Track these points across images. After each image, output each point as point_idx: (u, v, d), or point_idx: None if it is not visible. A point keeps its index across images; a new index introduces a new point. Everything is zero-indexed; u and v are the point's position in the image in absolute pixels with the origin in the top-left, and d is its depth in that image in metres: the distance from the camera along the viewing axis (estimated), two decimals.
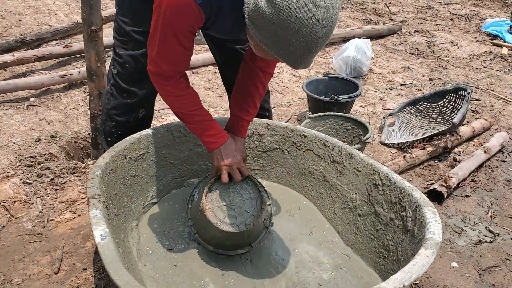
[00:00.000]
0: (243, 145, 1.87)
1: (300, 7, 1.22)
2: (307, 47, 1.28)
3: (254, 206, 1.76)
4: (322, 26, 1.25)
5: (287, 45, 1.28)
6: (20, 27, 4.38)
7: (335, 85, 3.16)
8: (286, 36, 1.26)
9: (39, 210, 2.11)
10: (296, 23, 1.23)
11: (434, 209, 1.59)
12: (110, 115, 2.07)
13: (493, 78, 4.03)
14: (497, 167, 2.74)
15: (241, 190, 1.79)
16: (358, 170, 1.96)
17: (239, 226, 1.71)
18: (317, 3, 1.22)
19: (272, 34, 1.28)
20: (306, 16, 1.22)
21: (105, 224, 1.47)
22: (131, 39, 1.90)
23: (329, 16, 1.25)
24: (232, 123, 1.89)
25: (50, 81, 3.21)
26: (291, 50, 1.29)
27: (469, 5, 6.38)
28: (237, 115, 1.87)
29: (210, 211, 1.72)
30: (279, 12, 1.23)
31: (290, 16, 1.22)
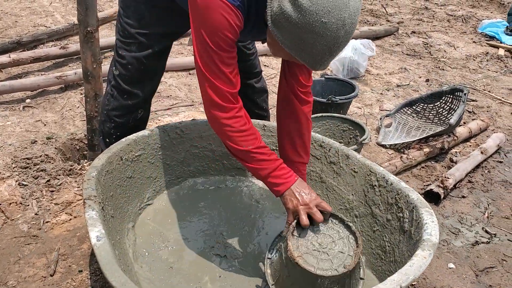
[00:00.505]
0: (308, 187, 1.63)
1: (326, 13, 1.25)
2: (329, 50, 1.31)
3: (348, 245, 1.53)
4: (345, 31, 1.29)
5: (310, 48, 1.31)
6: (16, 28, 4.37)
7: (332, 86, 3.15)
8: (310, 39, 1.29)
9: (34, 212, 2.10)
10: (322, 28, 1.26)
11: (431, 210, 1.58)
12: (110, 116, 2.07)
13: (490, 79, 4.04)
14: (493, 168, 2.74)
15: (328, 231, 1.56)
16: (355, 171, 1.96)
17: (337, 270, 1.45)
18: (342, 9, 1.26)
19: (296, 37, 1.31)
20: (332, 21, 1.26)
21: (101, 226, 1.46)
22: (135, 41, 1.90)
23: (352, 22, 1.30)
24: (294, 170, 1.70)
25: (46, 82, 3.19)
26: (313, 52, 1.32)
27: (466, 6, 6.40)
28: (294, 161, 1.78)
29: (300, 259, 1.46)
30: (305, 17, 1.26)
31: (316, 21, 1.26)
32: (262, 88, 2.38)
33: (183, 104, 3.20)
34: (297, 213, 1.54)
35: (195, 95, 3.37)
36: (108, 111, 2.06)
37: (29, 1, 5.21)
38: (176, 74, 3.67)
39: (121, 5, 1.91)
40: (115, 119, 2.06)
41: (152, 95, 2.11)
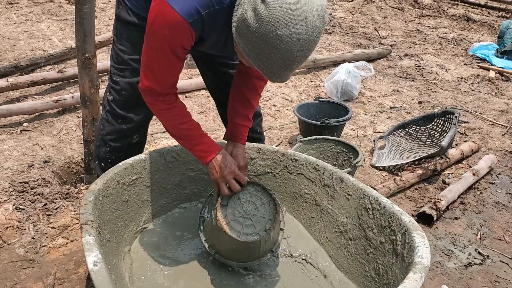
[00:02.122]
0: (244, 152, 1.91)
1: (282, 25, 1.28)
2: (284, 63, 1.34)
3: (269, 210, 1.78)
4: (300, 46, 1.31)
5: (266, 58, 1.35)
6: (14, 52, 4.42)
7: (325, 109, 3.21)
8: (265, 49, 1.32)
9: (31, 236, 2.11)
10: (276, 39, 1.29)
11: (423, 233, 1.61)
12: (105, 141, 2.10)
13: (481, 101, 4.11)
14: (485, 189, 2.78)
15: (252, 198, 1.79)
16: (349, 194, 1.99)
17: (259, 234, 1.73)
18: (298, 24, 1.29)
19: (254, 46, 1.35)
20: (286, 34, 1.28)
21: (98, 251, 1.48)
22: (129, 66, 1.94)
23: (308, 38, 1.32)
24: (231, 131, 1.93)
25: (44, 106, 3.23)
26: (269, 63, 1.36)
27: (457, 29, 6.52)
28: (236, 122, 1.91)
29: (227, 226, 1.72)
30: (262, 26, 1.29)
31: (271, 31, 1.29)
32: (256, 112, 2.41)
33: None
34: (217, 183, 1.76)
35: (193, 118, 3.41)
36: (103, 136, 2.09)
37: (27, 25, 5.28)
38: None
39: (114, 33, 1.96)
40: (110, 143, 2.09)
41: (148, 121, 2.14)
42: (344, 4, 7.55)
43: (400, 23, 6.63)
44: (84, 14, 2.11)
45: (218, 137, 3.15)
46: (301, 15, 1.28)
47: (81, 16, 2.11)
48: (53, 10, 5.92)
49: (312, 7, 1.30)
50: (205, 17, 1.47)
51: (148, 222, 2.10)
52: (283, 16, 1.27)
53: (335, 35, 5.85)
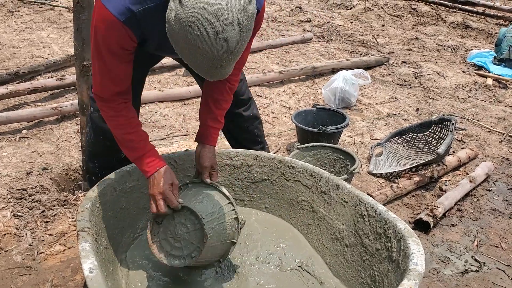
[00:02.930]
0: (211, 153, 1.88)
1: (198, 26, 1.25)
2: (211, 63, 1.32)
3: (199, 237, 1.68)
4: (222, 45, 1.28)
5: (193, 58, 1.33)
6: (14, 60, 4.45)
7: (323, 116, 3.22)
8: (190, 50, 1.31)
9: (29, 243, 2.11)
10: (196, 40, 1.27)
11: (418, 240, 1.62)
12: (92, 157, 2.11)
13: (479, 108, 4.13)
14: (482, 196, 2.78)
15: (186, 221, 1.70)
16: (345, 201, 2.00)
17: (186, 259, 1.69)
18: (214, 23, 1.25)
19: (181, 47, 1.33)
20: (204, 34, 1.26)
21: (94, 257, 1.49)
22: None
23: (229, 36, 1.28)
24: (201, 132, 1.91)
25: (43, 113, 3.25)
26: (198, 63, 1.34)
27: (455, 36, 6.56)
28: (206, 124, 1.90)
29: (157, 244, 1.72)
30: (181, 28, 1.28)
31: (190, 33, 1.27)
32: (252, 115, 2.41)
33: (178, 134, 3.25)
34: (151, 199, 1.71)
35: (190, 125, 3.43)
36: (90, 152, 2.11)
37: (27, 32, 5.31)
38: (171, 104, 3.74)
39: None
40: (97, 160, 2.11)
41: None
42: (342, 12, 7.59)
43: (398, 30, 6.66)
44: (82, 22, 2.13)
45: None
46: (216, 14, 1.24)
47: (79, 24, 2.13)
48: (53, 18, 5.95)
49: (230, 2, 1.26)
50: (139, 15, 1.47)
51: (145, 229, 2.10)
52: (197, 17, 1.25)
53: (334, 43, 5.88)
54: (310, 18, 7.01)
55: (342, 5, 7.90)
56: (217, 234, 1.71)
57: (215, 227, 1.70)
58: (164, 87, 4.05)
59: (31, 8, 6.35)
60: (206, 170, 1.85)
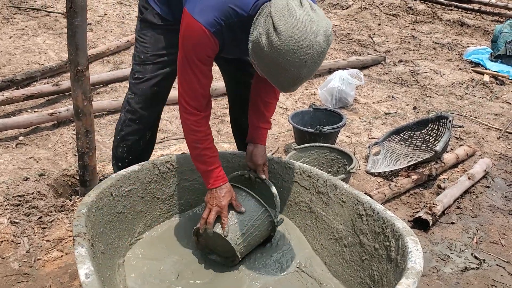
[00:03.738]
0: (263, 151, 2.09)
1: (291, 53, 1.45)
2: (293, 81, 1.53)
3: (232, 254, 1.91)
4: (307, 69, 1.50)
5: (277, 76, 1.54)
6: (10, 67, 4.44)
7: (320, 117, 3.22)
8: (276, 70, 1.52)
9: (26, 250, 2.10)
10: (286, 64, 1.47)
11: (416, 238, 1.61)
12: (123, 141, 2.18)
13: (476, 105, 4.12)
14: (481, 193, 2.78)
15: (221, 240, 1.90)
16: (343, 201, 1.99)
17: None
18: (306, 52, 1.45)
19: (266, 65, 1.53)
20: (295, 61, 1.46)
21: (90, 263, 1.48)
22: (151, 62, 2.05)
23: (314, 62, 1.50)
24: (252, 133, 2.10)
25: (39, 119, 3.24)
26: (279, 80, 1.55)
27: (451, 34, 6.55)
28: (257, 125, 2.09)
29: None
30: (274, 52, 1.47)
31: (281, 57, 1.47)
32: None
33: (174, 137, 3.24)
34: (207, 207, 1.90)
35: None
36: (122, 136, 2.17)
37: (23, 39, 5.30)
38: (167, 108, 3.72)
39: (138, 34, 2.08)
40: (128, 143, 2.18)
41: (159, 118, 2.26)
42: (338, 12, 7.59)
43: (394, 29, 6.66)
44: (76, 28, 2.12)
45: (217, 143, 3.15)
46: (308, 44, 1.44)
47: (73, 29, 2.13)
48: (49, 24, 5.94)
49: (319, 35, 1.46)
50: (225, 27, 1.64)
51: (143, 233, 2.10)
52: (292, 46, 1.44)
53: None
54: None
55: (338, 5, 7.89)
56: (250, 245, 1.95)
57: (247, 243, 1.92)
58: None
59: (27, 14, 6.33)
60: (260, 167, 2.08)
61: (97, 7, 6.78)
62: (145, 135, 2.20)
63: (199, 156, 1.89)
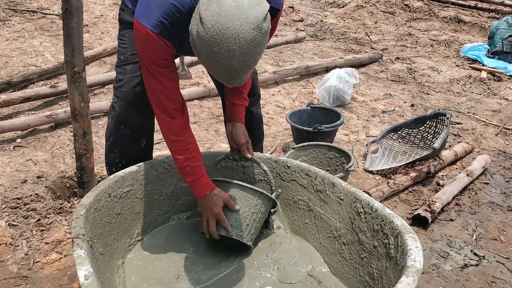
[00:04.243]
0: (243, 129, 2.06)
1: (216, 44, 1.40)
2: (229, 74, 1.47)
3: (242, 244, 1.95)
4: (238, 60, 1.42)
5: (213, 69, 1.49)
6: (7, 69, 4.43)
7: (318, 115, 3.21)
8: (210, 63, 1.47)
9: (24, 252, 2.10)
10: (214, 56, 1.42)
11: (415, 236, 1.61)
12: (113, 147, 2.14)
13: (474, 101, 4.12)
14: (480, 190, 2.78)
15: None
16: (341, 199, 1.99)
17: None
18: (230, 42, 1.39)
19: (201, 58, 1.50)
20: (221, 51, 1.40)
21: (89, 264, 1.47)
22: (130, 62, 2.01)
23: (245, 52, 1.41)
24: (231, 111, 2.06)
25: (36, 121, 3.23)
26: (217, 73, 1.50)
27: (448, 31, 6.56)
28: (236, 103, 2.04)
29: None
30: (202, 44, 1.43)
31: (209, 49, 1.42)
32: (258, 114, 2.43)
33: None
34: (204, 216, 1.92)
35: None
36: (111, 142, 2.14)
37: (20, 41, 5.29)
38: None
39: (118, 37, 2.06)
40: (118, 149, 2.14)
41: (152, 124, 2.15)
42: (335, 10, 7.59)
43: (391, 27, 6.66)
44: (72, 29, 2.12)
45: (212, 147, 3.16)
46: (232, 34, 1.38)
47: (68, 30, 2.12)
48: (46, 26, 5.93)
49: (246, 22, 1.38)
50: (170, 26, 1.60)
51: (142, 235, 2.10)
52: (216, 36, 1.38)
53: (327, 42, 5.88)
54: (303, 17, 7.01)
55: (335, 3, 7.89)
56: (257, 228, 1.99)
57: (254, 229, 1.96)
58: None
59: (23, 17, 6.32)
60: (243, 146, 2.05)
61: (94, 8, 6.77)
62: (137, 141, 2.12)
63: (182, 167, 1.86)
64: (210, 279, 1.90)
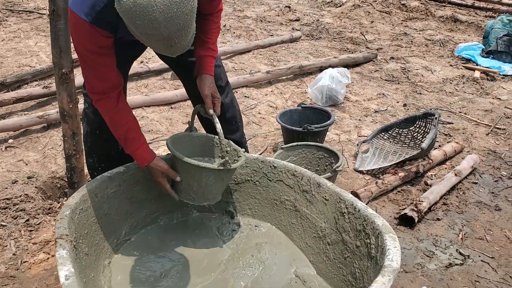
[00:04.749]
0: (211, 82, 1.98)
1: (137, 16, 1.38)
2: (165, 43, 1.45)
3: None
4: (166, 27, 1.40)
5: (151, 44, 1.49)
6: (1, 70, 4.44)
7: (308, 115, 3.23)
8: (144, 38, 1.46)
9: (12, 252, 2.12)
10: (142, 29, 1.42)
11: (395, 236, 1.62)
12: (91, 152, 2.16)
13: (466, 101, 4.13)
14: (468, 189, 2.79)
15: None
16: (326, 199, 2.00)
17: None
18: (149, 11, 1.37)
19: (138, 37, 1.49)
20: (145, 23, 1.39)
21: (70, 264, 1.49)
22: None
23: (169, 16, 1.38)
24: (197, 65, 2.01)
25: (29, 122, 3.25)
26: (157, 47, 1.50)
27: (444, 30, 6.56)
28: (202, 55, 1.99)
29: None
30: (127, 21, 1.43)
31: (134, 23, 1.41)
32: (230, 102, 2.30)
33: (164, 138, 3.25)
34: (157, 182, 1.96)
35: (176, 128, 3.43)
36: (88, 147, 2.16)
37: (15, 42, 5.31)
38: (158, 109, 3.74)
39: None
40: (96, 154, 2.16)
41: None
42: (332, 10, 7.60)
43: (387, 26, 6.67)
44: (59, 30, 2.13)
45: None
46: (147, 3, 1.35)
47: (56, 32, 2.13)
48: (42, 26, 5.95)
49: None
50: (102, 12, 1.59)
51: (129, 235, 2.11)
52: (133, 9, 1.37)
53: (322, 41, 5.89)
54: (299, 17, 7.02)
55: (332, 3, 7.91)
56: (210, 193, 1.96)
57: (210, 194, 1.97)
58: (151, 91, 4.05)
59: (20, 17, 6.34)
60: (207, 98, 1.95)
61: None
62: (114, 144, 2.06)
63: (121, 140, 1.89)
64: (196, 278, 1.92)
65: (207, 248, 2.09)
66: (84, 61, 1.74)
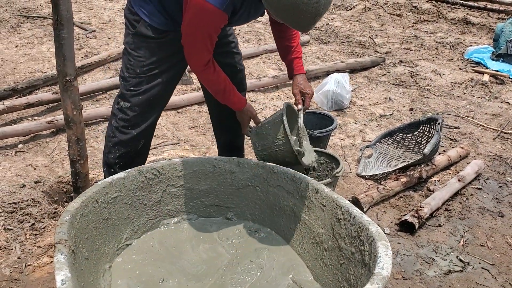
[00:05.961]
0: (302, 79, 2.28)
1: None
2: (313, 19, 1.74)
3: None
4: (324, 4, 1.70)
5: (297, 19, 1.74)
6: (14, 75, 4.54)
7: (312, 120, 3.23)
8: (296, 14, 1.71)
9: (17, 256, 2.17)
10: (304, 5, 1.67)
11: (387, 243, 1.63)
12: (115, 147, 2.23)
13: (474, 105, 4.10)
14: (472, 195, 2.77)
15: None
16: (323, 205, 2.02)
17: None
18: None
19: (285, 13, 1.73)
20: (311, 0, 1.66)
21: (67, 269, 1.53)
22: (146, 74, 2.14)
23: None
24: (290, 68, 2.30)
25: (38, 127, 3.32)
26: (300, 23, 1.76)
27: (455, 33, 6.51)
28: (290, 58, 2.28)
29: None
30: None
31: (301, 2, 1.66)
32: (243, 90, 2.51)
33: (169, 143, 3.30)
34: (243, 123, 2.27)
35: (182, 133, 3.47)
36: (114, 142, 2.23)
37: (29, 47, 5.41)
38: (164, 113, 3.78)
39: (131, 47, 2.14)
40: (120, 150, 2.23)
41: (154, 125, 2.30)
42: (342, 13, 7.58)
43: (397, 29, 6.64)
44: (62, 39, 2.18)
45: (208, 151, 3.20)
46: None
47: (59, 41, 2.18)
48: None
49: None
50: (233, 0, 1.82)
51: (130, 239, 2.15)
52: None
53: (331, 45, 5.89)
54: None
55: (342, 6, 7.89)
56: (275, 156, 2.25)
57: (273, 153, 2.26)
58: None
59: (34, 23, 6.46)
60: (296, 96, 2.25)
61: (103, 14, 6.88)
62: (138, 142, 2.25)
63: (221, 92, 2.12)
64: (194, 283, 1.94)
65: (206, 253, 2.12)
66: (199, 40, 1.93)
